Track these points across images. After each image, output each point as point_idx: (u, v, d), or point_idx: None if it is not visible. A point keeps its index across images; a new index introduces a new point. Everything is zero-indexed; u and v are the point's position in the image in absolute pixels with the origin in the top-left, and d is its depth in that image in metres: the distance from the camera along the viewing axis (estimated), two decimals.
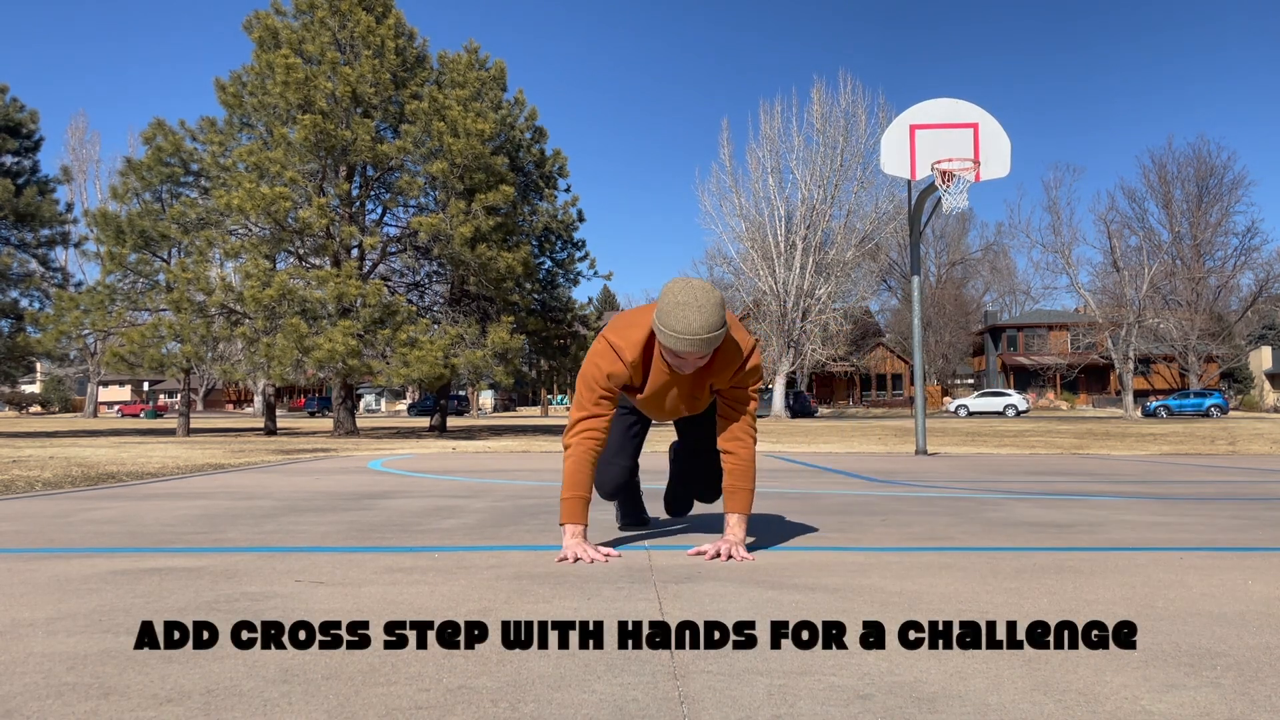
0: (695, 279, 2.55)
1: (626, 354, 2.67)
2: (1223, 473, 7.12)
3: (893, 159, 9.81)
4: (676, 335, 2.49)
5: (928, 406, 48.37)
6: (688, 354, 2.54)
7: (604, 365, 2.68)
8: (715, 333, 2.50)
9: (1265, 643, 1.70)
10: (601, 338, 2.72)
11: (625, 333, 2.70)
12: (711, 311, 2.48)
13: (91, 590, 2.21)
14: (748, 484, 2.73)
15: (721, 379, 2.74)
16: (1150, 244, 45.55)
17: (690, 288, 2.51)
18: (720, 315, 2.51)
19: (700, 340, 2.49)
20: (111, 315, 20.69)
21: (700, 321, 2.47)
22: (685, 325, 2.47)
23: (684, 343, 2.50)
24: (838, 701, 1.35)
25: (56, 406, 67.64)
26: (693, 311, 2.47)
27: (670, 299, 2.51)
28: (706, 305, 2.48)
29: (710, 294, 2.51)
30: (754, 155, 42.04)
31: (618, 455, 3.09)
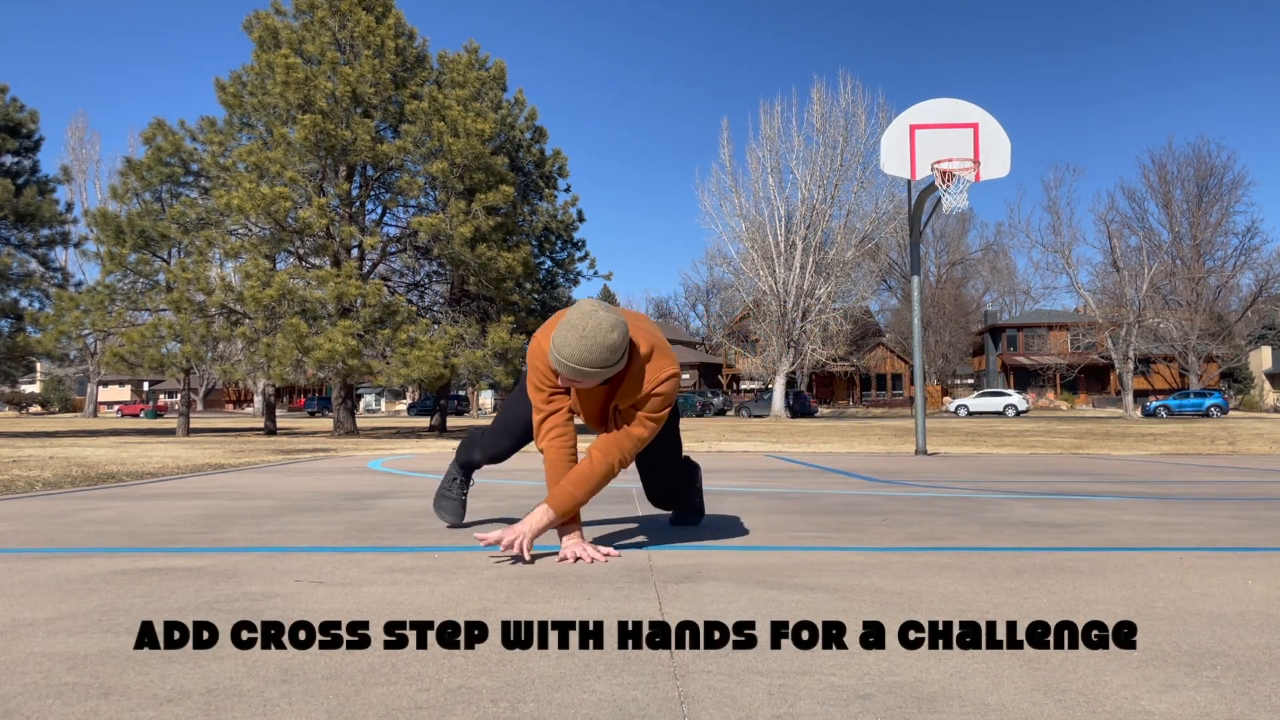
0: (606, 312, 2.49)
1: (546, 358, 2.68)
2: (1223, 473, 7.12)
3: (893, 159, 9.81)
4: (553, 353, 2.50)
5: (928, 406, 48.41)
6: (560, 374, 2.54)
7: (539, 363, 2.69)
8: (582, 367, 2.47)
9: (1265, 643, 1.70)
10: (535, 338, 2.73)
11: (543, 339, 2.70)
12: (590, 348, 2.44)
13: (91, 590, 2.21)
14: (577, 490, 2.64)
15: (623, 401, 2.72)
16: (1150, 244, 45.59)
17: (588, 317, 2.46)
18: (600, 356, 2.46)
19: (567, 367, 2.48)
20: (111, 315, 20.69)
21: (573, 350, 2.45)
22: (560, 345, 2.47)
23: (556, 362, 2.50)
24: (838, 701, 1.35)
25: (56, 406, 67.65)
26: (574, 338, 2.45)
27: (568, 317, 2.49)
28: (589, 341, 2.44)
29: (602, 334, 2.45)
30: (754, 155, 42.11)
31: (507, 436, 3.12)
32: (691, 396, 50.15)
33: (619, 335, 2.49)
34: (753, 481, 6.00)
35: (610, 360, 2.49)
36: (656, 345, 2.70)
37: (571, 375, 2.51)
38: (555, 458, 2.70)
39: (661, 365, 2.68)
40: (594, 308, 2.50)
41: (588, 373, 2.49)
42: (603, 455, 2.67)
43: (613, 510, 4.12)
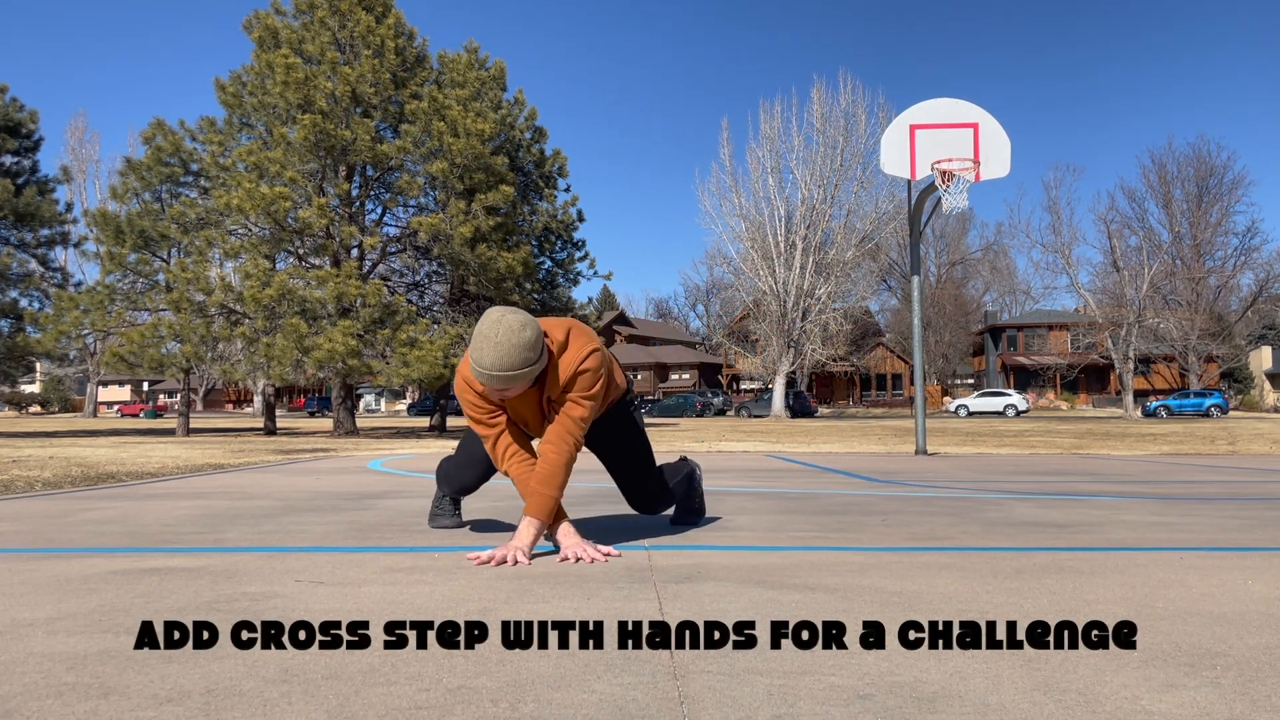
0: (513, 315, 2.52)
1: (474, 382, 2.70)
2: (1223, 473, 7.12)
3: (893, 159, 9.81)
4: (474, 366, 2.52)
5: (928, 406, 48.39)
6: (487, 387, 2.56)
7: (467, 393, 2.74)
8: (503, 373, 2.49)
9: (1265, 643, 1.70)
10: (458, 372, 2.77)
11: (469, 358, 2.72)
12: (507, 352, 2.47)
13: (91, 590, 2.21)
14: (548, 489, 2.67)
15: (552, 394, 2.74)
16: (1150, 244, 45.59)
17: (498, 323, 2.49)
18: (518, 358, 2.49)
19: (490, 376, 2.50)
20: (111, 315, 20.68)
21: (491, 359, 2.48)
22: (479, 357, 2.50)
23: (479, 375, 2.52)
24: (838, 701, 1.35)
25: (56, 406, 67.64)
26: (489, 346, 2.48)
27: (479, 327, 2.53)
28: (504, 345, 2.47)
29: (514, 334, 2.48)
30: (754, 155, 42.11)
31: (473, 465, 3.12)
32: (691, 396, 50.13)
33: (532, 332, 2.51)
34: (753, 481, 6.00)
35: (531, 358, 2.51)
36: (572, 328, 2.73)
37: (499, 384, 2.52)
38: (522, 474, 2.73)
39: (580, 345, 2.71)
40: (500, 314, 2.52)
41: (513, 376, 2.51)
42: (555, 448, 2.69)
43: (612, 510, 4.12)
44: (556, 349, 2.68)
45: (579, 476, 6.53)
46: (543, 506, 2.66)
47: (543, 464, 2.70)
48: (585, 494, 5.00)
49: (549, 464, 2.69)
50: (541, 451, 2.72)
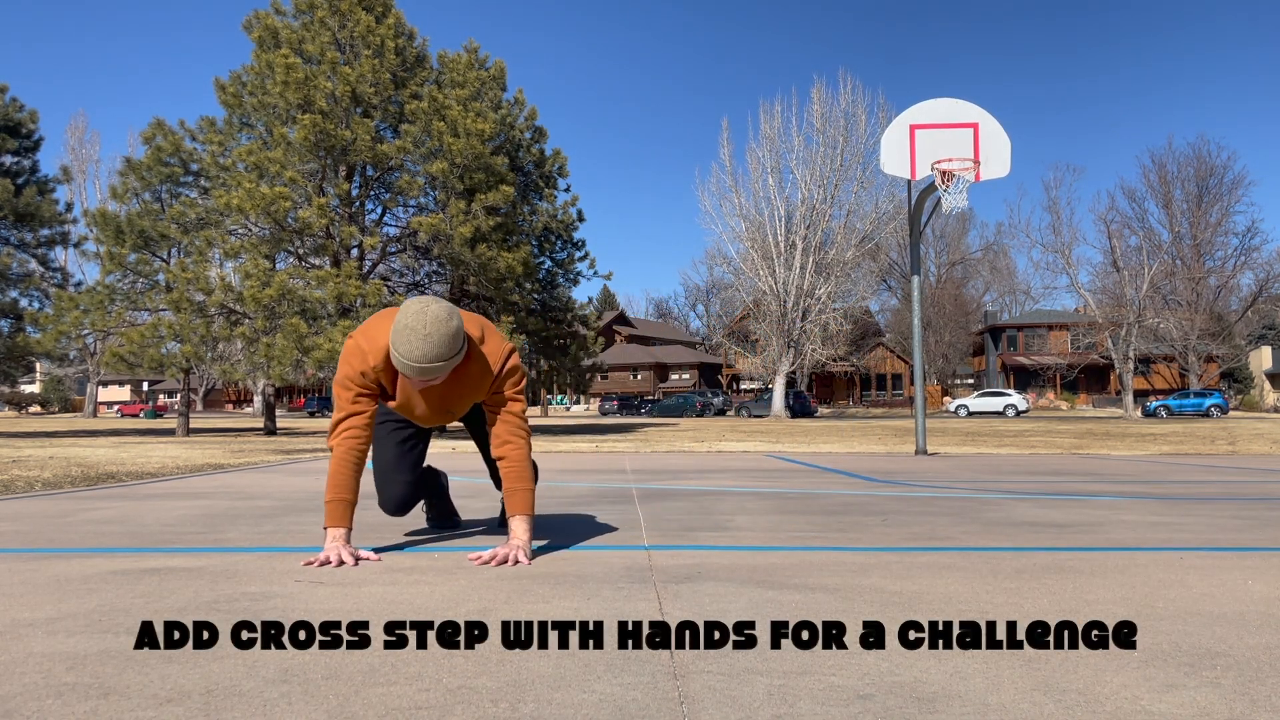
0: (435, 304, 2.49)
1: (370, 358, 2.65)
2: (1223, 473, 7.12)
3: (893, 159, 9.81)
4: (400, 359, 2.49)
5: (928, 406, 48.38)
6: (409, 378, 2.54)
7: (355, 364, 2.66)
8: (438, 364, 2.48)
9: (1265, 643, 1.70)
10: (351, 338, 2.70)
11: (372, 336, 2.66)
12: (437, 343, 2.45)
13: (91, 590, 2.21)
14: (525, 484, 2.69)
15: (480, 392, 2.72)
16: (1150, 244, 45.58)
17: (424, 314, 2.46)
18: (450, 347, 2.47)
19: (420, 369, 2.48)
20: (111, 315, 20.67)
21: (422, 351, 2.45)
22: (408, 351, 2.46)
23: (406, 368, 2.50)
24: (838, 701, 1.35)
25: (56, 406, 67.64)
26: (417, 339, 2.44)
27: (401, 320, 2.48)
28: (434, 335, 2.44)
29: (442, 325, 2.46)
30: (754, 155, 42.10)
31: (396, 471, 3.03)
32: (691, 396, 50.13)
33: (457, 320, 2.51)
34: (753, 481, 6.00)
35: (456, 348, 2.51)
36: (485, 326, 2.73)
37: (424, 375, 2.50)
38: (343, 456, 2.65)
39: (497, 345, 2.72)
40: (423, 304, 2.50)
41: (439, 367, 2.49)
42: (516, 445, 2.72)
43: (613, 510, 4.12)
44: (475, 342, 2.67)
45: (579, 477, 6.53)
46: (527, 501, 2.69)
47: (510, 464, 2.70)
48: (585, 494, 5.00)
49: (517, 462, 2.70)
50: (505, 452, 2.72)
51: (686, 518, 3.80)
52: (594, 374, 26.35)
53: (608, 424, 31.13)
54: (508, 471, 2.70)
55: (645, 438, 16.71)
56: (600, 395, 64.23)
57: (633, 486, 5.52)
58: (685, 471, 7.14)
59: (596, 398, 64.79)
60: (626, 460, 9.00)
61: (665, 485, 5.64)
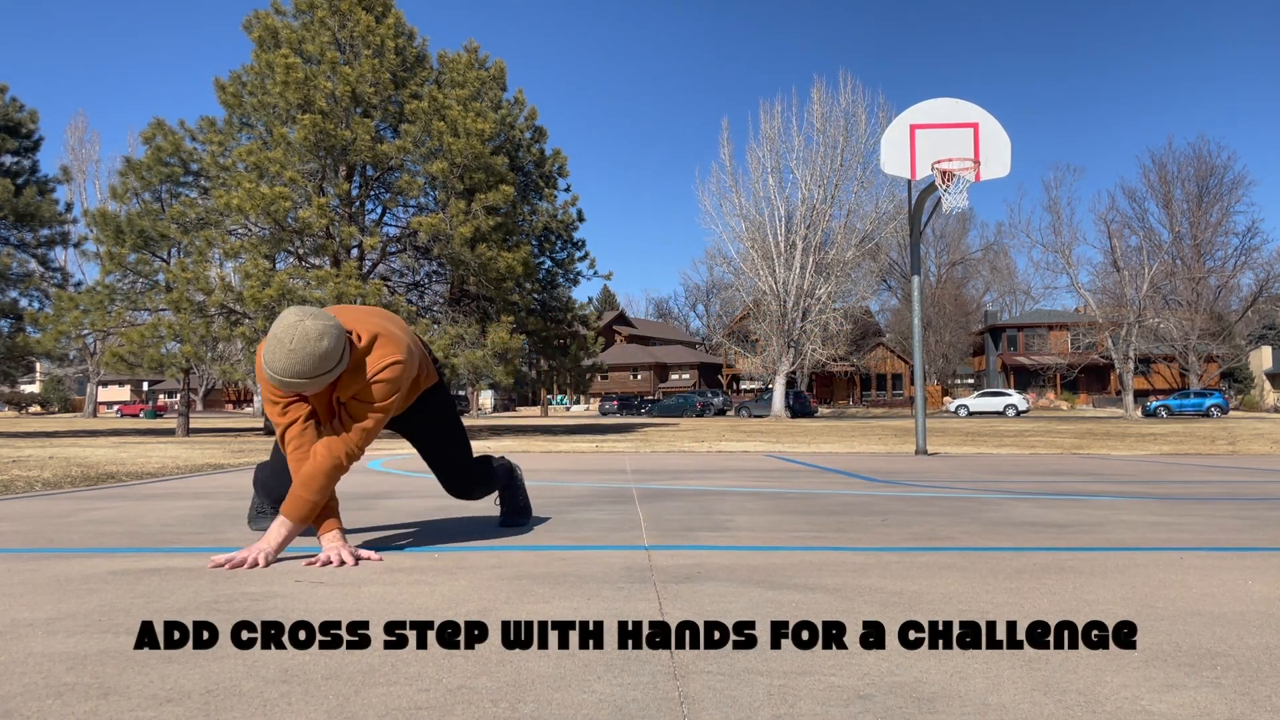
0: (313, 320, 2.43)
1: None
2: (1223, 473, 7.12)
3: (893, 159, 9.81)
4: (266, 369, 2.46)
5: (928, 406, 48.35)
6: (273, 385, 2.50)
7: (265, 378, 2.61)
8: (293, 379, 2.43)
9: (1265, 643, 1.70)
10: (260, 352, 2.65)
11: None
12: (299, 359, 2.40)
13: (91, 590, 2.21)
14: (309, 493, 2.58)
15: (344, 394, 2.66)
16: (1150, 244, 45.57)
17: (294, 328, 2.41)
18: (311, 366, 2.42)
19: (280, 382, 2.45)
20: (111, 315, 20.67)
21: (282, 364, 2.41)
22: (270, 359, 2.43)
23: (271, 379, 2.47)
24: (838, 701, 1.35)
25: (56, 406, 67.63)
26: (281, 351, 2.41)
27: (274, 327, 2.45)
28: (297, 352, 2.40)
29: (309, 343, 2.40)
30: (754, 155, 42.11)
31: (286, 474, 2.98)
32: (691, 396, 50.14)
33: (329, 342, 2.44)
34: (753, 481, 6.00)
35: (323, 368, 2.45)
36: (380, 334, 2.65)
37: (286, 389, 2.47)
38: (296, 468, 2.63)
39: (383, 354, 2.64)
40: (299, 317, 2.43)
41: (300, 384, 2.45)
42: (326, 451, 2.62)
43: (613, 510, 4.12)
44: (360, 349, 2.61)
45: (579, 477, 6.53)
46: (300, 509, 2.58)
47: (310, 463, 2.61)
48: (585, 494, 5.00)
49: (316, 466, 2.60)
50: (314, 450, 2.63)
51: (686, 518, 3.80)
52: (594, 374, 26.35)
53: (608, 424, 31.13)
54: (302, 471, 2.60)
55: (645, 438, 16.71)
56: (600, 395, 64.25)
57: (633, 486, 5.52)
58: (685, 471, 7.14)
59: (596, 398, 64.81)
60: (626, 460, 9.00)
61: (665, 485, 5.64)
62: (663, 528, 3.47)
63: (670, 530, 3.40)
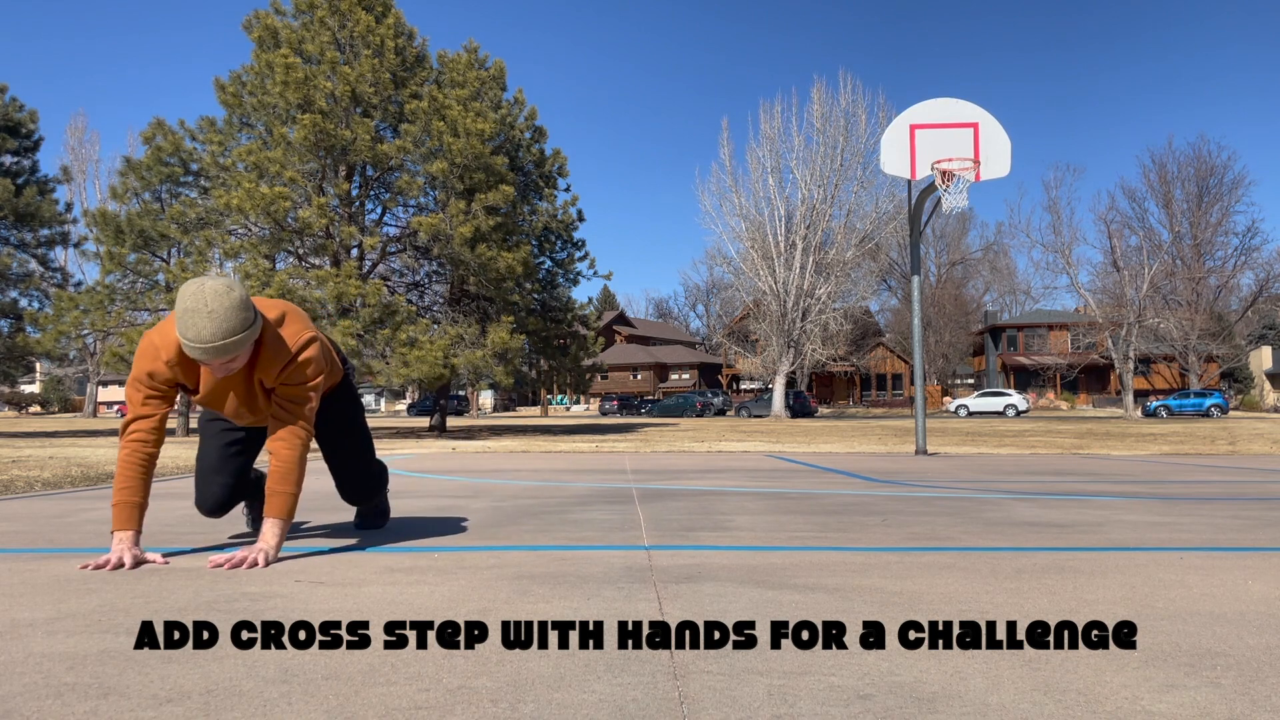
0: (212, 281, 2.39)
1: (164, 353, 2.55)
2: (1223, 473, 7.12)
3: (893, 159, 9.81)
4: (189, 344, 2.38)
5: (928, 406, 48.32)
6: (206, 362, 2.43)
7: (145, 364, 2.57)
8: (229, 339, 2.37)
9: (1265, 643, 1.70)
10: (145, 335, 2.60)
11: (166, 331, 2.56)
12: (224, 317, 2.35)
13: (91, 590, 2.21)
14: (288, 487, 2.60)
15: (268, 377, 2.62)
16: (1150, 244, 45.53)
17: (201, 292, 2.36)
18: (238, 319, 2.37)
19: (214, 349, 2.37)
20: (111, 315, 20.67)
21: (211, 329, 2.34)
22: (196, 333, 2.35)
23: (195, 351, 2.38)
24: (838, 701, 1.35)
25: (56, 406, 67.61)
26: (202, 319, 2.34)
27: (180, 305, 2.36)
28: (219, 310, 2.34)
29: (223, 297, 2.35)
30: (754, 155, 42.09)
31: (217, 473, 2.92)
32: (691, 396, 50.13)
33: (239, 291, 2.41)
34: (753, 481, 6.00)
35: (248, 319, 2.40)
36: (288, 311, 2.64)
37: (219, 355, 2.39)
38: (129, 459, 2.56)
39: (297, 330, 2.62)
40: (199, 283, 2.39)
41: (233, 343, 2.38)
42: (288, 444, 2.61)
43: (613, 510, 4.12)
44: (271, 324, 2.58)
45: (579, 477, 6.53)
46: (285, 505, 2.60)
47: (277, 462, 2.61)
48: (585, 494, 5.00)
49: (284, 461, 2.60)
50: (274, 450, 2.62)
51: (686, 518, 3.80)
52: (594, 374, 26.35)
53: (608, 424, 31.13)
54: (274, 469, 2.60)
55: (645, 438, 16.71)
56: (600, 395, 64.25)
57: (633, 486, 5.52)
58: (685, 471, 7.14)
59: (596, 398, 64.80)
60: (626, 460, 9.00)
61: (665, 485, 5.64)
62: (663, 528, 3.47)
63: (670, 530, 3.40)
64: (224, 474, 2.92)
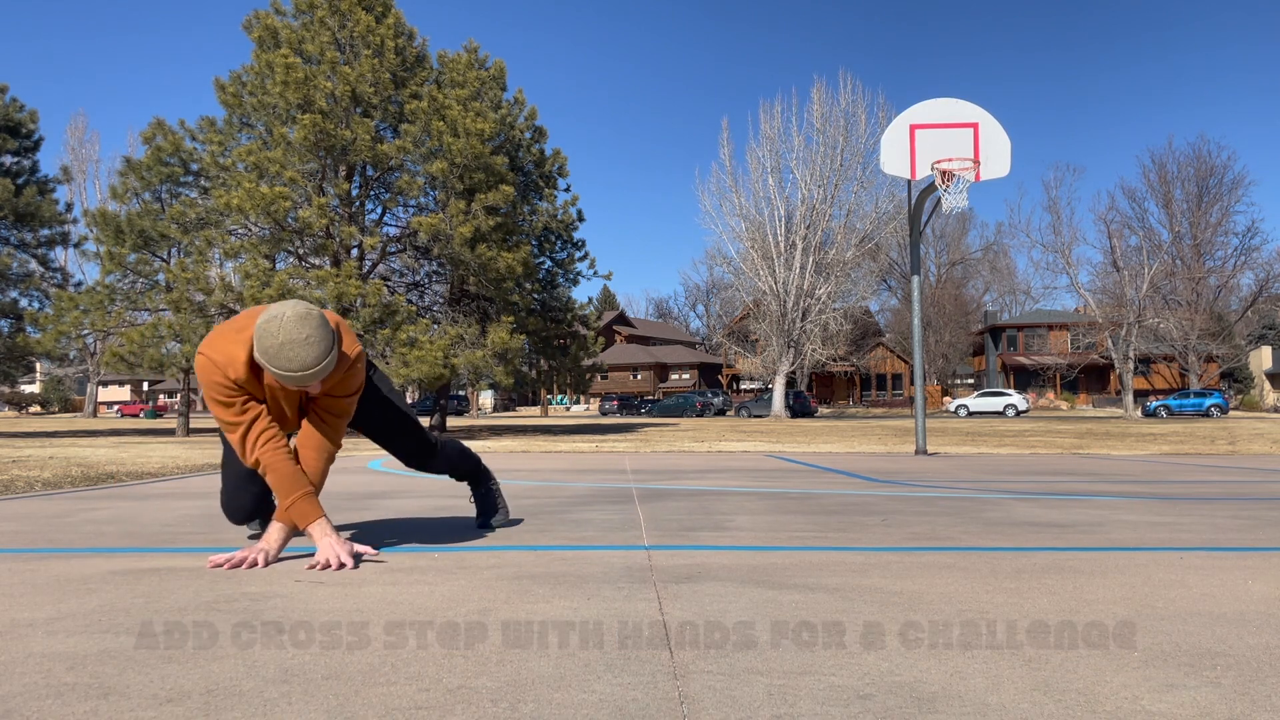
0: (289, 309, 2.41)
1: (230, 372, 2.54)
2: (1223, 473, 7.12)
3: (893, 159, 9.81)
4: (294, 375, 2.40)
5: (928, 406, 48.30)
6: (304, 385, 2.46)
7: (216, 378, 2.54)
8: (329, 358, 2.43)
9: (1265, 643, 1.70)
10: (202, 355, 2.57)
11: (225, 349, 2.55)
12: (319, 340, 2.40)
13: (91, 590, 2.21)
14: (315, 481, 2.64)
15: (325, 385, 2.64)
16: (1150, 244, 45.53)
17: (287, 324, 2.38)
18: (329, 335, 2.42)
19: (319, 370, 2.42)
20: (111, 315, 20.68)
21: (314, 355, 2.39)
22: (301, 364, 2.38)
23: (304, 379, 2.41)
24: (838, 701, 1.35)
25: (56, 406, 67.62)
26: (300, 349, 2.37)
27: (271, 341, 2.37)
28: (313, 335, 2.38)
29: (308, 322, 2.40)
30: (754, 155, 42.11)
31: (250, 482, 2.90)
32: (691, 396, 50.13)
33: (318, 310, 2.45)
34: (753, 481, 6.00)
35: (332, 334, 2.45)
36: (339, 322, 2.65)
37: (319, 376, 2.43)
38: (277, 463, 2.57)
39: (350, 343, 2.64)
40: (279, 314, 2.40)
41: (330, 362, 2.43)
42: (316, 456, 2.65)
43: (613, 510, 4.12)
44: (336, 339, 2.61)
45: (579, 477, 6.53)
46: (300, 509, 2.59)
47: (306, 465, 2.63)
48: (585, 494, 5.00)
49: (310, 467, 2.62)
50: (303, 456, 2.64)
51: (686, 518, 3.80)
52: (594, 374, 26.35)
53: (608, 424, 31.13)
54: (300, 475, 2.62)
55: (645, 438, 16.71)
56: (600, 395, 64.26)
57: (633, 486, 5.52)
58: (685, 471, 7.14)
59: (596, 398, 64.82)
60: (626, 460, 9.00)
61: (665, 485, 5.64)
62: (663, 528, 3.47)
63: (670, 530, 3.40)
64: (256, 483, 2.91)
